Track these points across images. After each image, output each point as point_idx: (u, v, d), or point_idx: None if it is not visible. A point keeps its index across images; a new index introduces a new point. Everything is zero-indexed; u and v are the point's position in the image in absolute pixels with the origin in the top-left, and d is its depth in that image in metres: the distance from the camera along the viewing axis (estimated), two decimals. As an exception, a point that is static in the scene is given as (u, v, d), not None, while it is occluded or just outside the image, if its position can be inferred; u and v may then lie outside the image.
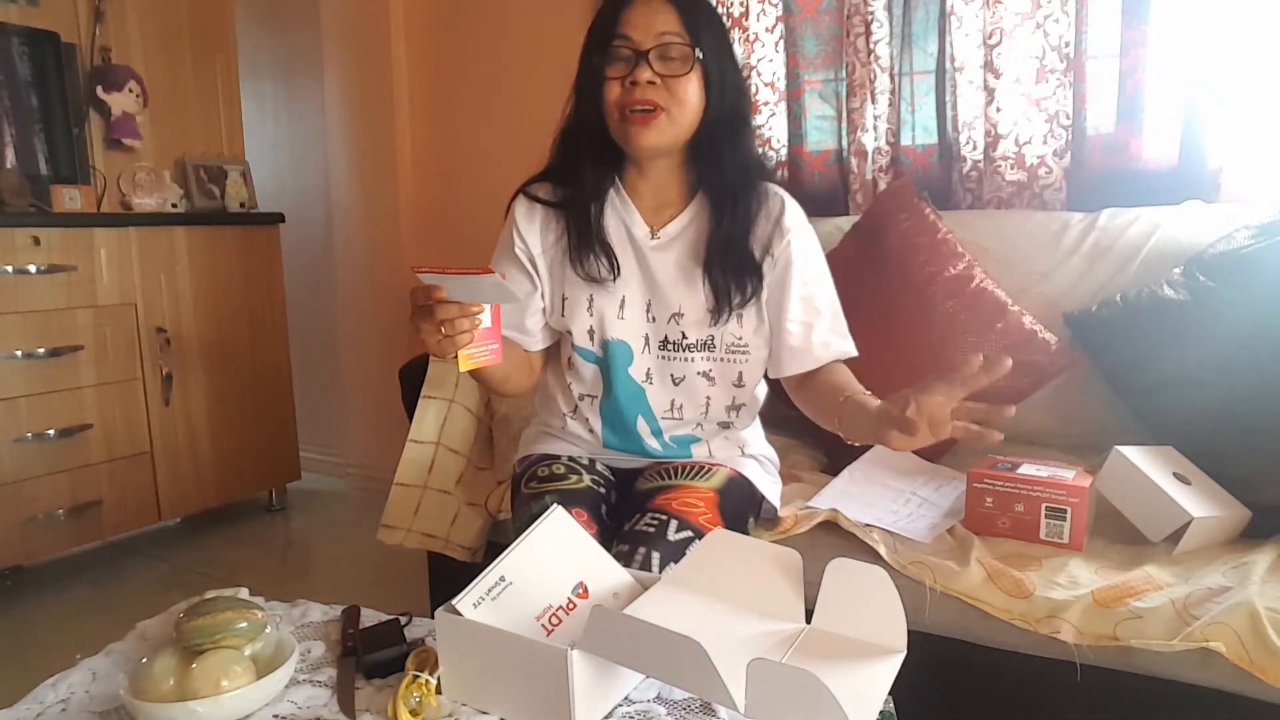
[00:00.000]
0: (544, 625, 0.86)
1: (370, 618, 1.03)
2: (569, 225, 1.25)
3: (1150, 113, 1.74)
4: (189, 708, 0.81)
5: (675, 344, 1.25)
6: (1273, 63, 1.63)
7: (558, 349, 1.34)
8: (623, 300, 1.25)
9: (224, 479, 2.70)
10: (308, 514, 2.94)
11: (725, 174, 1.22)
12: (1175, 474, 1.27)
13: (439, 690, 0.85)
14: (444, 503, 1.59)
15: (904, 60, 1.99)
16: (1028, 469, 1.31)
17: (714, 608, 0.91)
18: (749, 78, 2.16)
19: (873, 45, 1.98)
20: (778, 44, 2.14)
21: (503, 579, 0.86)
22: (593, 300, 1.25)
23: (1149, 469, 1.25)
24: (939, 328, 1.62)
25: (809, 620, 0.90)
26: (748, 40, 2.16)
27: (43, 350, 2.24)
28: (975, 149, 1.93)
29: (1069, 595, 1.12)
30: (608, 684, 0.82)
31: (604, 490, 1.27)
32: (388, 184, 2.87)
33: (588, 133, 1.20)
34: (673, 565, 1.08)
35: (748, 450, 1.35)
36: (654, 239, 1.25)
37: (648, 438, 1.30)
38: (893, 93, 2.01)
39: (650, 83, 1.13)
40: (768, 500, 1.35)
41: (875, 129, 2.03)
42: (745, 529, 1.29)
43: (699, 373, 1.26)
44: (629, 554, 1.10)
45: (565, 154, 1.26)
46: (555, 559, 0.90)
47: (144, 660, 0.88)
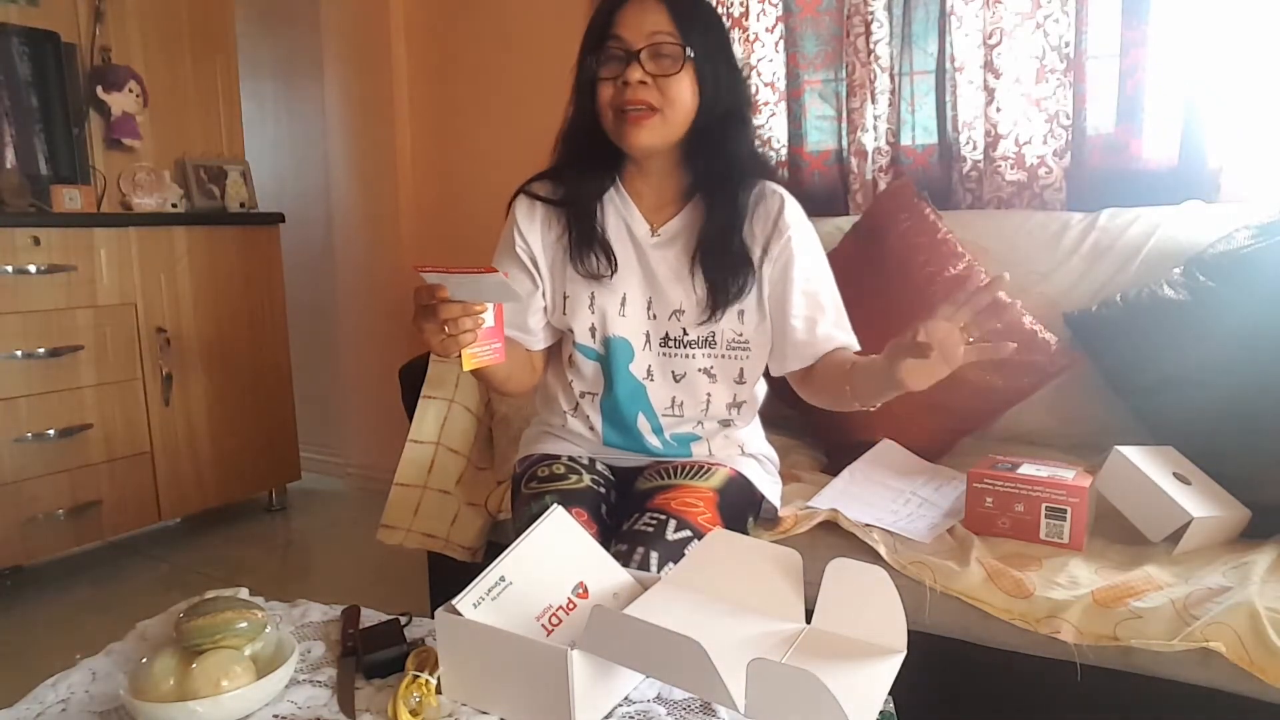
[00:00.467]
0: (544, 625, 0.86)
1: (370, 618, 1.03)
2: (569, 223, 1.25)
3: (1150, 113, 1.74)
4: (189, 708, 0.81)
5: (676, 341, 1.26)
6: (1273, 63, 1.63)
7: (559, 347, 1.34)
8: (624, 297, 1.25)
9: (224, 479, 2.70)
10: (308, 514, 2.94)
11: (721, 171, 1.22)
12: (1175, 474, 1.27)
13: (439, 690, 0.85)
14: (444, 503, 1.59)
15: (904, 60, 1.99)
16: (1028, 469, 1.31)
17: (714, 608, 0.91)
18: (749, 78, 2.16)
19: (873, 45, 1.98)
20: (778, 44, 2.14)
21: (503, 579, 0.86)
22: (594, 298, 1.25)
23: (1149, 469, 1.25)
24: (939, 328, 1.62)
25: (809, 620, 0.90)
26: (748, 40, 2.16)
27: (43, 350, 2.24)
28: (975, 149, 1.93)
29: (1069, 595, 1.12)
30: (608, 684, 0.82)
31: (604, 490, 1.27)
32: (388, 184, 2.87)
33: (585, 132, 1.21)
34: (671, 565, 1.08)
35: (747, 450, 1.35)
36: (654, 236, 1.26)
37: (648, 435, 1.30)
38: (893, 93, 2.01)
39: (641, 82, 1.13)
40: (768, 500, 1.35)
41: (875, 129, 2.03)
42: (745, 529, 1.29)
43: (700, 369, 1.27)
44: (628, 553, 1.10)
45: (566, 153, 1.26)
46: (555, 559, 0.90)
47: (144, 660, 0.88)
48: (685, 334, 1.25)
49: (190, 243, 2.57)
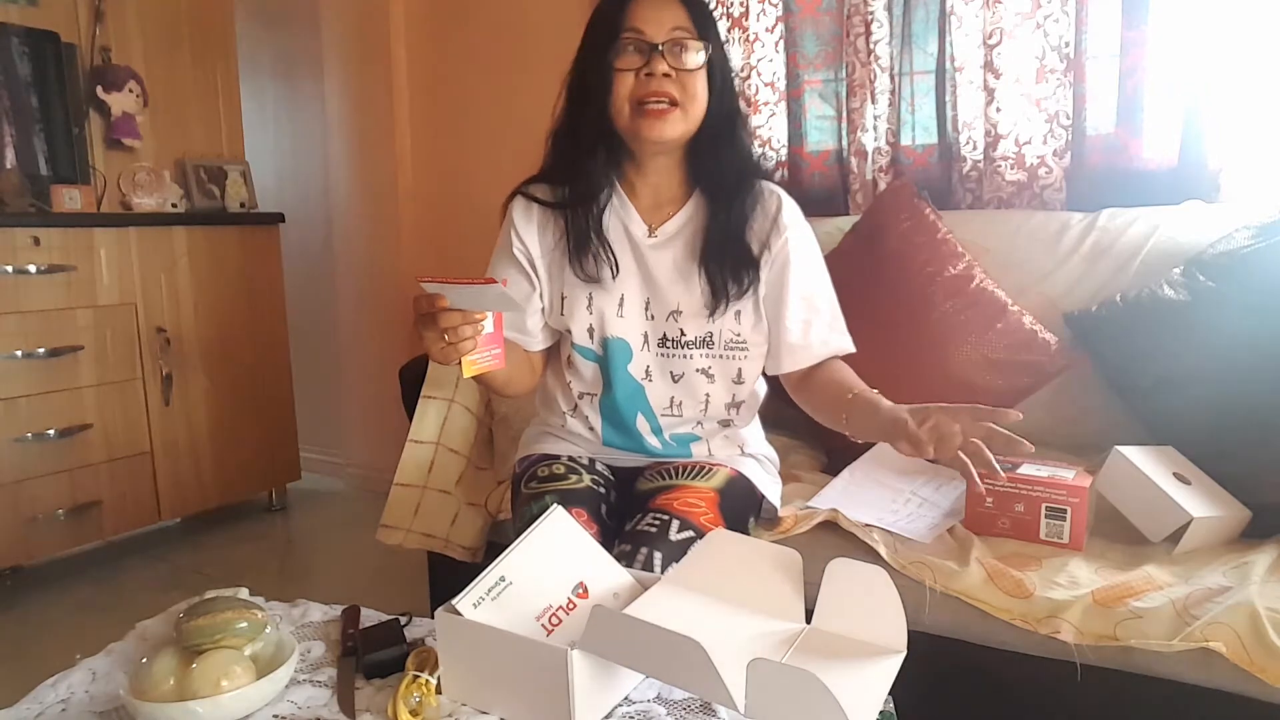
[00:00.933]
0: (544, 625, 0.86)
1: (370, 618, 1.03)
2: (568, 225, 1.25)
3: (1150, 113, 1.74)
4: (189, 708, 0.81)
5: (674, 341, 1.26)
6: (1273, 63, 1.63)
7: (557, 348, 1.34)
8: (621, 298, 1.25)
9: (224, 479, 2.70)
10: (308, 514, 2.94)
11: (724, 170, 1.23)
12: (1175, 474, 1.27)
13: (439, 690, 0.85)
14: (444, 503, 1.59)
15: (904, 60, 1.99)
16: (1028, 469, 1.31)
17: (714, 608, 0.91)
18: (749, 78, 2.16)
19: (873, 45, 1.98)
20: (778, 44, 2.14)
21: (503, 579, 0.86)
22: (592, 299, 1.25)
23: (1149, 469, 1.25)
24: (939, 328, 1.62)
25: (809, 620, 0.90)
26: (748, 40, 2.16)
27: (43, 350, 2.24)
28: (975, 149, 1.93)
29: (1069, 595, 1.12)
30: (608, 684, 0.82)
31: (604, 490, 1.27)
32: (388, 184, 2.87)
33: (592, 128, 1.20)
34: (674, 565, 1.08)
35: (748, 450, 1.35)
36: (651, 237, 1.26)
37: (648, 435, 1.30)
38: (893, 93, 2.00)
39: (665, 75, 1.14)
40: (768, 500, 1.35)
41: (875, 129, 2.03)
42: (746, 529, 1.29)
43: (698, 370, 1.27)
44: (631, 554, 1.10)
45: (563, 153, 1.26)
46: (555, 559, 0.90)
47: (144, 660, 0.88)
48: (683, 334, 1.25)
49: (190, 243, 2.57)
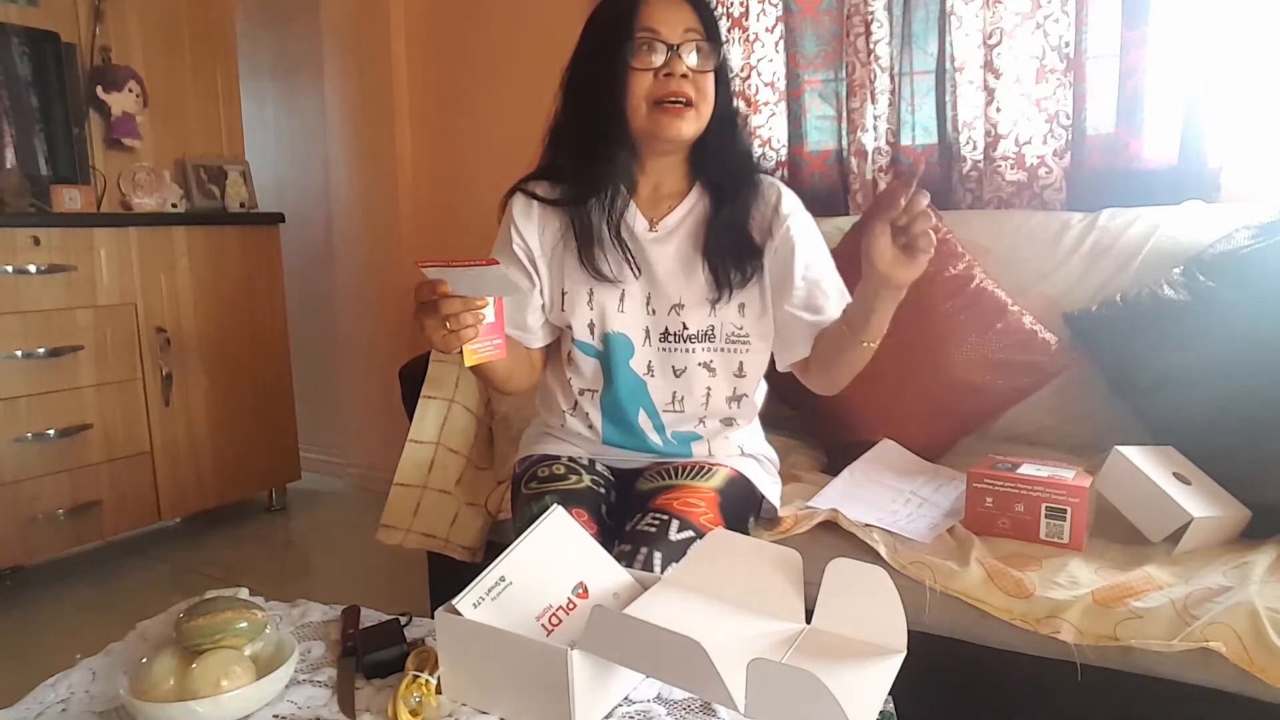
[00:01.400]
0: (544, 625, 0.85)
1: (370, 618, 1.03)
2: (573, 222, 1.24)
3: (1150, 113, 1.73)
4: (189, 708, 0.81)
5: (676, 335, 1.26)
6: (1273, 63, 1.63)
7: (557, 347, 1.34)
8: (622, 293, 1.26)
9: (224, 479, 2.70)
10: (308, 514, 2.94)
11: (727, 166, 1.25)
12: (1175, 474, 1.27)
13: (439, 690, 0.85)
14: (444, 503, 1.59)
15: (904, 60, 1.99)
16: (1028, 469, 1.31)
17: (714, 608, 0.91)
18: (749, 78, 2.16)
19: (873, 45, 1.98)
20: (778, 44, 2.14)
21: (503, 579, 0.86)
22: (593, 294, 1.25)
23: (1149, 469, 1.25)
24: (939, 328, 1.62)
25: (809, 620, 0.90)
26: (748, 40, 2.15)
27: (43, 350, 2.24)
28: (975, 149, 1.93)
29: (1069, 595, 1.12)
30: (608, 684, 0.82)
31: (604, 490, 1.27)
32: (388, 184, 2.87)
33: (606, 126, 1.20)
34: (674, 565, 1.08)
35: (747, 450, 1.35)
36: (652, 231, 1.26)
37: (650, 432, 1.30)
38: (893, 93, 2.00)
39: (683, 75, 1.16)
40: (768, 500, 1.35)
41: (875, 129, 2.03)
42: (745, 529, 1.29)
43: (700, 364, 1.27)
44: (631, 554, 1.10)
45: (567, 151, 1.26)
46: (555, 559, 0.90)
47: (144, 660, 0.88)
48: (685, 328, 1.25)
49: (190, 243, 2.57)
